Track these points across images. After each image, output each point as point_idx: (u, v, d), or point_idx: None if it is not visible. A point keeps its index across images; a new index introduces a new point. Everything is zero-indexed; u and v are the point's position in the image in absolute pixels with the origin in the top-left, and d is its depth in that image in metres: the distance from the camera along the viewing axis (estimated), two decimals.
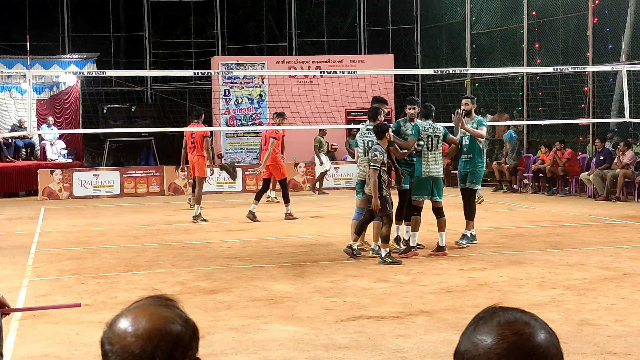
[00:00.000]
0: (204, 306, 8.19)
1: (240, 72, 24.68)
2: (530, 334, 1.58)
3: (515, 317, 1.61)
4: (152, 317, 1.74)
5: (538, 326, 1.61)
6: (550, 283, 9.11)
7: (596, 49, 21.16)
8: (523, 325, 1.60)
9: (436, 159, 11.39)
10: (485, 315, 1.64)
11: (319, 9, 29.67)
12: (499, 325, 1.60)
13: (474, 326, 1.64)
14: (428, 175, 11.33)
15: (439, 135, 11.43)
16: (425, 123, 11.50)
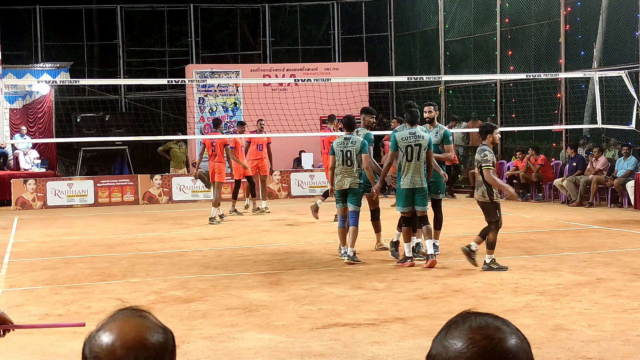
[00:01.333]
0: (178, 315, 8.16)
1: (215, 80, 24.65)
2: (501, 339, 1.59)
3: (487, 322, 1.62)
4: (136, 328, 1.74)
5: (509, 331, 1.62)
6: (524, 289, 9.16)
7: (568, 56, 21.34)
8: (494, 330, 1.60)
9: (417, 169, 10.89)
10: (457, 319, 1.65)
11: (293, 17, 29.72)
12: (470, 329, 1.60)
13: (445, 330, 1.64)
14: (408, 187, 10.92)
15: (421, 144, 10.89)
16: (404, 132, 11.02)
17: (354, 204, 11.52)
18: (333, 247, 12.93)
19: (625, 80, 15.32)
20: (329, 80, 18.73)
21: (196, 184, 22.26)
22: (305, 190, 23.40)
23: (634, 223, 15.41)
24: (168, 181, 22.77)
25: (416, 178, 10.89)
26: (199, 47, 27.97)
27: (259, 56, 28.74)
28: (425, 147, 10.88)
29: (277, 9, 29.52)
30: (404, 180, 10.94)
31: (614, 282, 9.41)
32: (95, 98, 25.40)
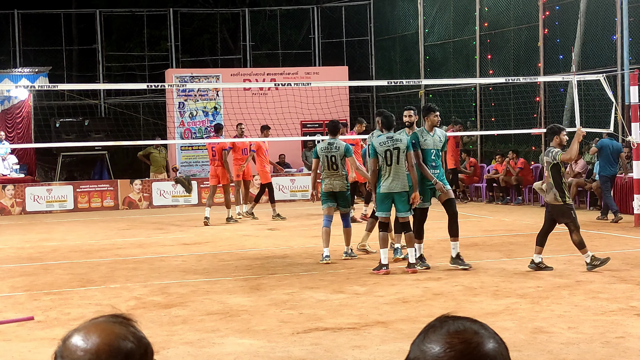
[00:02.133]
0: (158, 321, 8.13)
1: (195, 85, 24.60)
2: (479, 342, 1.59)
3: (465, 326, 1.62)
4: (103, 333, 1.73)
5: (487, 335, 1.62)
6: (505, 292, 9.18)
7: (547, 59, 21.46)
8: (472, 334, 1.60)
9: (397, 173, 10.76)
10: (435, 323, 1.65)
11: (273, 22, 29.73)
12: (447, 333, 1.60)
13: (423, 334, 1.64)
14: (388, 191, 10.81)
15: (399, 147, 10.75)
16: (382, 137, 10.91)
17: (345, 207, 11.85)
18: (314, 251, 12.93)
19: (604, 83, 15.41)
20: (310, 84, 18.76)
21: (176, 188, 22.20)
22: (287, 195, 23.38)
23: (612, 226, 15.50)
24: (148, 186, 22.70)
25: (397, 182, 10.75)
26: (179, 52, 27.92)
27: (239, 60, 28.73)
28: (403, 150, 10.76)
29: (257, 13, 29.52)
30: (384, 184, 10.80)
31: (593, 284, 9.46)
32: (74, 103, 25.27)
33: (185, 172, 24.06)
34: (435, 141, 11.05)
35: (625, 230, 14.84)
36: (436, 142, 11.05)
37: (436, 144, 11.05)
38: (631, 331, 7.17)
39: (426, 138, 11.02)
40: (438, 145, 11.07)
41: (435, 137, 11.06)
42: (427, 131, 11.08)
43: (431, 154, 10.97)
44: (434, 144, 11.01)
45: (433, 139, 11.03)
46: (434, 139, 11.05)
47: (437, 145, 11.05)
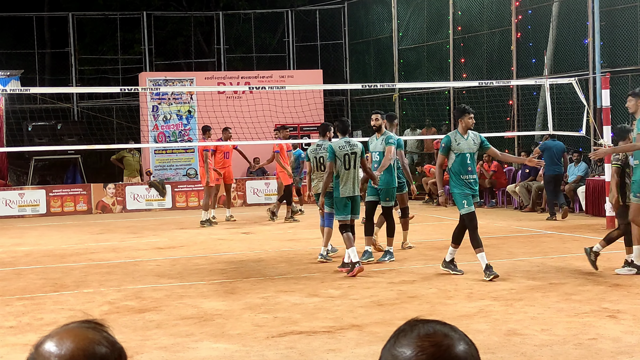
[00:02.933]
0: (132, 325, 8.09)
1: (169, 88, 24.50)
2: (449, 345, 1.60)
3: (435, 329, 1.63)
4: (77, 338, 1.73)
5: (457, 337, 1.63)
6: (479, 294, 9.23)
7: (520, 63, 21.60)
8: (442, 337, 1.61)
9: (355, 178, 11.13)
10: (405, 327, 1.65)
11: (248, 25, 29.69)
12: (418, 337, 1.61)
13: (394, 339, 1.65)
14: (346, 195, 11.10)
15: (356, 152, 11.09)
16: (340, 141, 11.17)
17: (330, 206, 11.86)
18: (289, 255, 12.93)
19: (576, 87, 15.54)
20: (284, 88, 18.73)
21: (150, 192, 22.11)
22: (261, 198, 23.36)
23: (585, 228, 15.62)
24: (122, 190, 22.58)
25: (354, 186, 11.13)
26: (153, 55, 27.82)
27: (213, 64, 28.67)
28: (360, 154, 11.14)
29: (231, 16, 29.47)
30: (342, 189, 11.09)
31: (566, 286, 9.53)
32: (46, 106, 25.08)
33: (159, 175, 23.97)
34: (470, 144, 10.54)
35: (597, 232, 14.95)
36: (471, 146, 10.54)
37: (471, 147, 10.53)
38: (604, 333, 7.23)
39: (460, 142, 10.53)
40: (473, 148, 10.55)
41: (469, 140, 10.56)
42: (461, 134, 10.57)
43: (466, 158, 10.45)
44: (468, 147, 10.51)
45: (467, 142, 10.53)
46: (468, 142, 10.54)
47: (472, 149, 10.54)
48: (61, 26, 28.09)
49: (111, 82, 27.44)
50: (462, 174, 10.41)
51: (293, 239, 15.14)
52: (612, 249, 12.65)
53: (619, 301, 8.57)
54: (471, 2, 23.46)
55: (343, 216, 11.21)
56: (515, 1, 21.59)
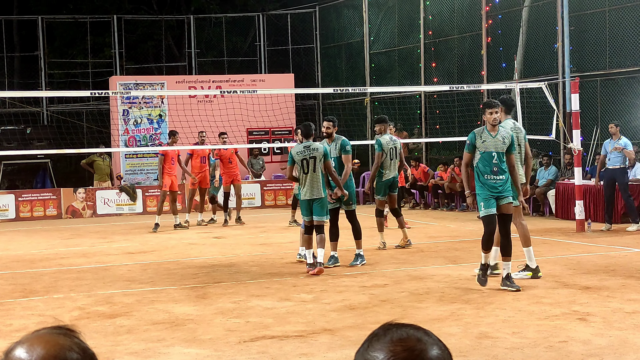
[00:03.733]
0: (103, 331, 8.03)
1: (139, 92, 24.38)
2: (422, 350, 1.60)
3: (408, 334, 1.63)
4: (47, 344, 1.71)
5: (430, 342, 1.63)
6: (450, 297, 9.26)
7: (490, 67, 21.74)
8: (415, 342, 1.61)
9: (314, 181, 11.29)
10: (379, 332, 1.65)
11: (219, 29, 29.62)
12: (391, 341, 1.61)
13: (367, 343, 1.65)
14: (307, 197, 11.36)
15: (315, 157, 11.29)
16: (299, 146, 11.46)
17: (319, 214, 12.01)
18: (261, 259, 12.91)
19: (545, 91, 15.65)
20: (255, 91, 18.71)
21: (121, 197, 21.98)
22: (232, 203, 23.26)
23: (555, 231, 15.73)
24: (92, 195, 22.43)
25: (314, 189, 11.33)
26: (123, 59, 27.67)
27: (185, 68, 28.57)
28: (320, 158, 11.32)
29: (202, 20, 29.39)
30: (303, 191, 11.43)
31: (536, 289, 9.59)
32: (15, 110, 24.85)
33: (129, 180, 23.84)
34: (497, 143, 9.70)
35: (567, 235, 15.08)
36: (498, 144, 9.70)
37: (498, 145, 9.69)
38: (574, 335, 7.28)
39: (485, 139, 9.75)
40: (501, 147, 9.70)
41: (497, 138, 9.72)
42: (489, 131, 9.77)
43: (492, 158, 9.69)
44: (495, 145, 9.69)
45: (495, 140, 9.71)
46: (496, 140, 9.71)
47: (499, 147, 9.69)
48: (30, 29, 27.86)
49: (81, 86, 27.26)
50: (486, 173, 9.72)
51: (265, 244, 15.12)
52: (584, 251, 12.76)
53: (589, 304, 8.64)
54: (442, 7, 23.58)
55: (307, 217, 11.49)
56: (485, 6, 21.72)
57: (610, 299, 8.89)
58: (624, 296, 9.00)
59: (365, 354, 1.62)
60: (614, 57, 18.87)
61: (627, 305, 8.48)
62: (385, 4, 25.69)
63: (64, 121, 24.89)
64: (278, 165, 25.34)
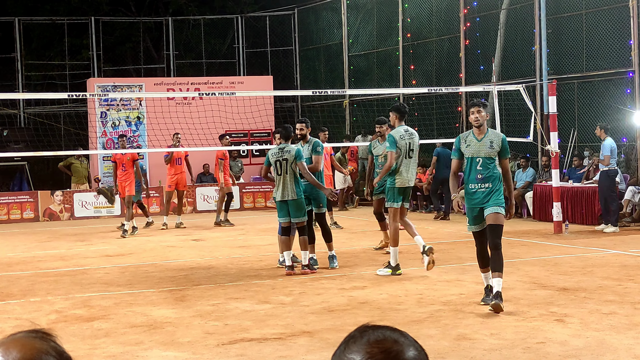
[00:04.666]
0: (80, 334, 7.98)
1: (117, 94, 24.29)
2: (398, 351, 1.60)
3: (384, 335, 1.63)
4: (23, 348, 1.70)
5: (407, 343, 1.63)
6: (429, 299, 9.28)
7: (468, 70, 21.83)
8: (392, 343, 1.61)
9: (287, 182, 11.38)
10: (355, 334, 1.66)
11: (197, 31, 29.55)
12: (367, 343, 1.61)
13: (344, 345, 1.65)
14: (281, 199, 11.47)
15: (287, 159, 11.39)
16: (274, 148, 11.61)
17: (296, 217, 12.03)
18: (239, 262, 12.89)
19: (523, 93, 15.73)
20: (234, 94, 18.70)
21: (99, 199, 21.87)
22: (211, 205, 23.23)
23: (532, 233, 15.81)
24: (69, 197, 22.31)
25: (287, 190, 11.42)
26: (101, 61, 27.55)
27: (163, 70, 28.49)
28: (292, 160, 11.39)
29: (180, 22, 29.31)
30: (277, 193, 11.54)
31: (514, 291, 9.62)
32: None
33: (107, 182, 23.72)
34: (484, 148, 8.72)
35: (545, 237, 15.15)
36: (484, 149, 8.71)
37: (484, 151, 8.71)
38: (551, 336, 7.32)
39: (470, 143, 8.82)
40: (488, 152, 8.71)
41: (484, 142, 8.75)
42: (475, 135, 8.83)
43: (475, 163, 8.74)
44: (479, 151, 8.73)
45: (480, 145, 8.74)
46: (482, 144, 8.74)
47: (486, 152, 8.71)
48: (7, 31, 27.66)
49: (59, 88, 27.11)
50: (471, 182, 8.79)
51: (243, 246, 15.10)
52: (562, 253, 12.84)
53: (566, 305, 8.69)
54: (420, 9, 23.65)
55: (282, 219, 11.56)
56: (463, 8, 21.81)
57: (587, 300, 8.94)
58: (601, 297, 9.06)
59: (342, 355, 1.63)
60: (590, 59, 19.00)
61: (604, 307, 8.53)
62: (363, 6, 25.74)
63: (41, 123, 24.75)
64: (257, 168, 25.31)
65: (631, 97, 17.92)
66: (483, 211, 8.73)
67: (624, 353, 6.69)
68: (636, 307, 8.46)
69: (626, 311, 8.28)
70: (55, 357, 1.72)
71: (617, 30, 18.27)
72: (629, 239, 14.40)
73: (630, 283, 9.93)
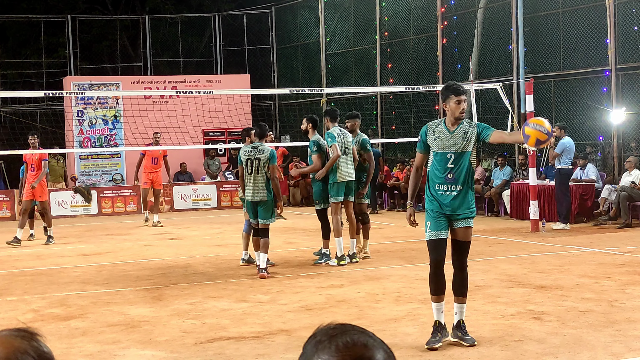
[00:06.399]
0: (57, 333, 7.93)
1: (94, 93, 24.15)
2: (370, 356, 1.60)
3: (353, 340, 1.62)
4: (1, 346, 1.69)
5: (376, 346, 1.63)
6: (406, 297, 9.29)
7: (446, 68, 21.89)
8: (362, 348, 1.61)
9: (258, 183, 11.04)
10: (322, 339, 1.64)
11: (174, 29, 29.45)
12: (337, 349, 1.60)
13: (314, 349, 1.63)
14: (251, 199, 11.12)
15: (260, 158, 11.01)
16: (247, 147, 11.29)
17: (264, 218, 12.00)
18: (217, 260, 12.85)
19: (500, 92, 15.80)
20: (211, 92, 18.62)
21: (75, 198, 21.74)
22: (189, 204, 23.17)
23: (510, 231, 15.87)
24: None
25: (257, 191, 11.08)
26: (77, 59, 27.39)
27: (140, 68, 28.36)
28: (264, 161, 11.06)
29: (157, 20, 29.19)
30: (247, 192, 11.17)
31: (491, 289, 9.66)
32: None
33: (84, 181, 23.59)
34: (457, 142, 7.12)
35: (522, 235, 15.22)
36: (457, 143, 7.11)
37: (456, 145, 7.12)
38: (529, 334, 7.34)
39: (439, 135, 7.24)
40: (462, 147, 7.11)
41: (456, 135, 7.15)
42: (446, 126, 7.24)
43: (446, 161, 7.14)
44: (451, 145, 7.13)
45: (452, 138, 7.15)
46: (455, 137, 7.15)
47: (459, 147, 7.11)
48: None
49: (35, 86, 26.93)
50: (438, 182, 7.21)
51: (221, 245, 15.06)
52: (539, 251, 12.91)
53: (544, 303, 8.73)
54: (398, 8, 23.68)
55: (253, 220, 11.31)
56: (441, 7, 21.86)
57: (564, 298, 8.99)
58: (578, 295, 9.11)
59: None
60: (567, 58, 19.11)
61: (581, 304, 8.58)
62: (341, 5, 25.74)
63: (17, 122, 24.59)
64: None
65: (607, 96, 18.04)
66: (450, 220, 7.21)
67: (601, 350, 6.73)
68: (613, 305, 8.51)
69: (603, 309, 8.33)
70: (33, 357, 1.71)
71: (594, 29, 18.39)
72: (606, 237, 14.50)
73: (606, 281, 9.99)
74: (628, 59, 17.80)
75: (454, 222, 7.20)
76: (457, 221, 7.19)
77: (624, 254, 12.28)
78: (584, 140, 18.56)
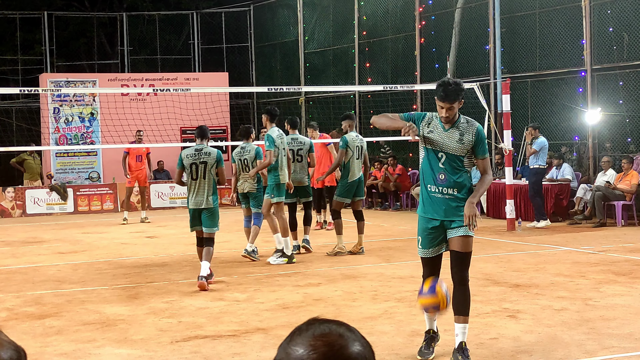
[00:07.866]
0: (32, 332, 7.89)
1: (70, 90, 24.00)
2: (342, 345, 1.61)
3: (330, 329, 1.64)
4: None
5: (352, 338, 1.64)
6: (383, 296, 9.31)
7: (424, 68, 21.94)
8: (336, 337, 1.62)
9: (203, 189, 10.33)
10: (302, 327, 1.66)
11: (152, 26, 29.33)
12: (312, 336, 1.62)
13: (290, 337, 1.66)
14: (193, 207, 10.43)
15: (207, 162, 10.28)
16: (190, 149, 10.53)
17: (255, 206, 12.36)
18: (194, 259, 12.81)
19: (477, 92, 15.86)
20: (189, 90, 18.59)
21: (51, 196, 21.62)
22: (166, 202, 23.09)
23: (486, 230, 15.94)
24: (22, 194, 22.00)
25: (202, 198, 10.31)
26: (54, 56, 27.21)
27: (117, 65, 28.22)
28: (212, 164, 10.34)
29: (135, 17, 29.06)
30: (189, 199, 10.38)
31: None
32: None
33: (60, 179, 23.45)
34: (452, 141, 6.50)
35: (498, 234, 15.30)
36: (452, 143, 6.49)
37: (451, 144, 6.50)
38: (504, 332, 7.39)
39: (433, 129, 6.62)
40: (457, 148, 6.49)
41: (451, 134, 6.52)
42: (442, 122, 6.58)
43: (437, 159, 6.54)
44: (445, 143, 6.50)
45: (447, 136, 6.52)
46: (450, 136, 6.52)
47: (452, 148, 6.49)
48: None
49: (10, 83, 26.72)
50: (429, 182, 6.58)
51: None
52: (515, 249, 12.98)
53: (519, 301, 8.78)
54: (376, 7, 23.71)
55: (195, 228, 10.53)
56: (419, 7, 21.91)
57: (539, 296, 9.04)
58: (553, 294, 9.16)
59: (287, 347, 1.64)
60: (544, 58, 19.21)
61: (555, 303, 8.64)
62: (319, 3, 25.74)
63: None
64: None
65: (583, 96, 18.15)
66: (443, 229, 6.57)
67: (575, 349, 6.78)
68: (587, 304, 8.58)
69: (577, 307, 8.39)
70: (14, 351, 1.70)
71: (570, 29, 18.49)
72: (581, 236, 14.60)
73: (581, 279, 10.06)
74: (603, 59, 17.92)
75: (448, 230, 6.52)
76: (452, 229, 6.51)
77: (598, 253, 12.37)
78: (560, 140, 18.67)
